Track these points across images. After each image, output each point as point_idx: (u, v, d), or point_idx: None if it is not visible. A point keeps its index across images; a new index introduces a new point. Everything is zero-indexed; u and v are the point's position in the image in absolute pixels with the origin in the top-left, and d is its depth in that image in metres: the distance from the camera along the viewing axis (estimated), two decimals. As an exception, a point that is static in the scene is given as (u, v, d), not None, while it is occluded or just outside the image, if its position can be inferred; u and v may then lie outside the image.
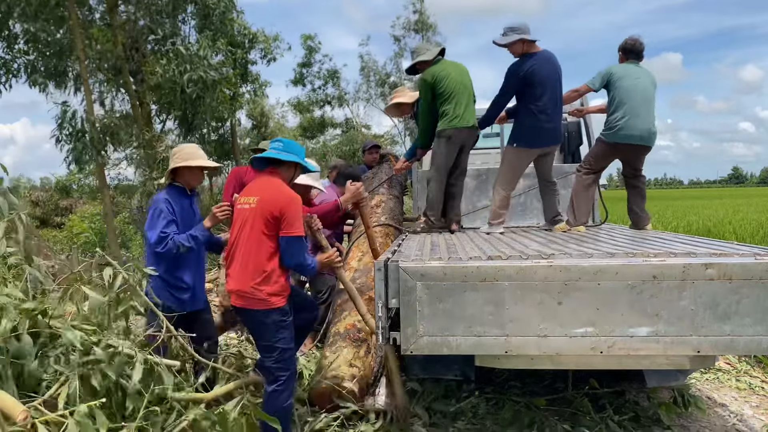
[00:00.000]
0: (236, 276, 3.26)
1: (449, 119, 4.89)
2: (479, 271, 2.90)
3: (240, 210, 3.37)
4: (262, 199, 3.26)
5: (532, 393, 4.26)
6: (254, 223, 3.23)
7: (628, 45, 4.88)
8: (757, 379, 4.84)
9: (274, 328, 3.23)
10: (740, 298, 2.78)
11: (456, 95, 4.88)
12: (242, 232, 3.28)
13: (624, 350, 2.86)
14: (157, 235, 3.41)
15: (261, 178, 3.47)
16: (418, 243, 4.20)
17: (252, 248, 3.22)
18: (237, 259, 3.28)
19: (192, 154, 3.69)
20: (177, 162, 3.62)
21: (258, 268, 3.20)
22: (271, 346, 3.24)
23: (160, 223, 3.44)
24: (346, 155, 20.81)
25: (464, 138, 4.98)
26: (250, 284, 3.19)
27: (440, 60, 5.09)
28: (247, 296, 3.20)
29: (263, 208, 3.22)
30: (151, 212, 3.53)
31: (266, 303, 3.19)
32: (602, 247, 3.50)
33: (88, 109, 10.15)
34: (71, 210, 20.90)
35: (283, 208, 3.21)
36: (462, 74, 5.01)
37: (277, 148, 3.44)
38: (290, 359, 3.33)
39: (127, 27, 10.64)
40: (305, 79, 23.49)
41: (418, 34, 22.03)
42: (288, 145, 3.48)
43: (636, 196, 4.98)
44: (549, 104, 4.68)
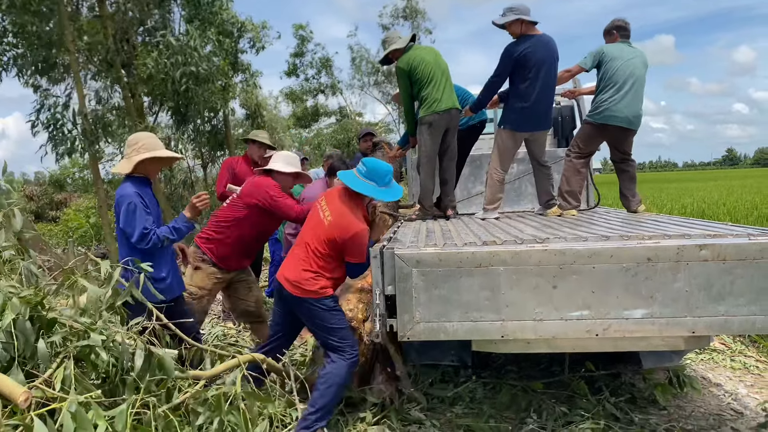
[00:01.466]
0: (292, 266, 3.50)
1: (428, 105, 4.83)
2: (474, 257, 2.91)
3: (315, 213, 3.58)
4: (333, 223, 3.42)
5: (529, 377, 4.29)
6: (320, 234, 3.43)
7: (619, 23, 4.85)
8: (752, 359, 4.88)
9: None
10: (734, 279, 2.80)
11: (433, 79, 4.82)
12: (310, 232, 3.51)
13: (619, 332, 2.89)
14: (139, 232, 3.34)
15: (343, 197, 3.55)
16: (414, 230, 4.20)
17: (313, 250, 3.45)
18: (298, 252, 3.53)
19: (156, 145, 3.58)
20: (144, 153, 3.49)
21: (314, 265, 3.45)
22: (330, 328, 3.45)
23: (139, 219, 3.35)
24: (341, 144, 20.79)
25: (446, 121, 4.91)
26: (305, 276, 3.41)
27: (412, 46, 5.03)
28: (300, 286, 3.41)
29: (331, 232, 3.40)
30: (125, 208, 3.37)
31: (318, 293, 3.41)
32: (597, 230, 3.51)
33: (80, 102, 10.06)
34: (66, 204, 20.82)
35: (349, 240, 3.37)
36: (436, 57, 4.94)
37: (359, 171, 3.56)
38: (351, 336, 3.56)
39: (116, 18, 10.54)
40: (298, 69, 23.38)
41: (408, 20, 21.91)
42: (371, 171, 3.52)
43: (626, 179, 4.98)
44: (541, 88, 4.65)
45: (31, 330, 2.34)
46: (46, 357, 2.31)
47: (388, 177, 3.55)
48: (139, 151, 3.49)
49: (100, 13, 10.40)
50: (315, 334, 3.62)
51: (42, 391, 2.21)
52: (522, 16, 4.63)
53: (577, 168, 4.92)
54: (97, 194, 11.01)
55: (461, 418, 3.72)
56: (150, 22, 10.61)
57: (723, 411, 3.83)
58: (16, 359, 2.25)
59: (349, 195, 3.54)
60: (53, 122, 9.60)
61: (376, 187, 3.51)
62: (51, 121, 9.60)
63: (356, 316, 4.06)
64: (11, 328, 2.24)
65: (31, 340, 2.32)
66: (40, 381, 2.26)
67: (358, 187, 3.49)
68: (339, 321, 3.47)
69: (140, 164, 3.48)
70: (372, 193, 3.50)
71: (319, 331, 3.49)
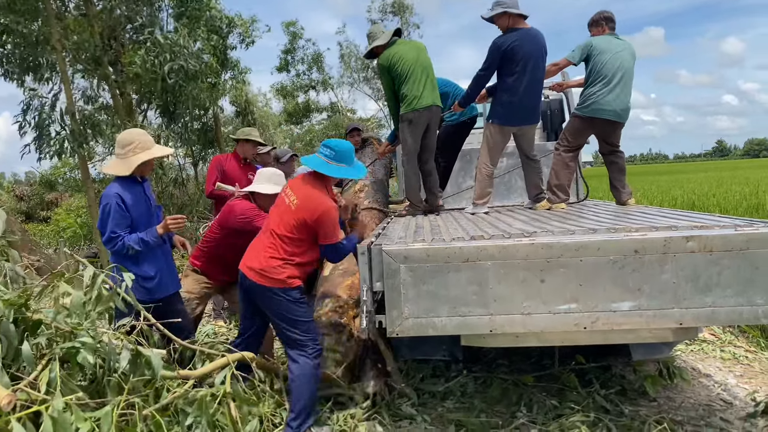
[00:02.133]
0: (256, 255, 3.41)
1: (408, 102, 4.78)
2: (462, 252, 2.91)
3: (281, 201, 3.50)
4: (300, 206, 3.35)
5: (520, 370, 4.30)
6: (288, 220, 3.35)
7: (608, 14, 4.83)
8: (741, 349, 4.91)
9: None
10: (721, 270, 2.81)
11: (412, 76, 4.77)
12: (276, 219, 3.44)
13: (608, 325, 2.89)
14: (107, 235, 3.33)
15: (308, 181, 3.49)
16: (403, 226, 4.20)
17: (280, 236, 3.37)
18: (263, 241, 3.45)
19: (150, 142, 3.52)
20: (141, 153, 3.44)
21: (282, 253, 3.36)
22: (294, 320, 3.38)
23: (110, 222, 3.33)
24: (332, 140, 20.70)
25: (427, 118, 4.86)
26: (273, 264, 3.33)
27: (396, 41, 4.98)
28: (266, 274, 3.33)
29: (299, 214, 3.33)
30: (101, 208, 3.39)
31: (285, 283, 3.33)
32: (585, 223, 3.51)
33: (68, 101, 9.98)
34: (57, 204, 20.69)
35: (319, 219, 3.32)
36: (419, 53, 4.87)
37: (324, 154, 3.46)
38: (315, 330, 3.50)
39: (103, 16, 10.46)
40: (290, 65, 23.29)
41: (396, 16, 21.86)
42: (337, 152, 3.44)
43: (615, 171, 4.98)
44: (528, 82, 4.64)
45: (14, 332, 2.32)
46: (30, 359, 2.29)
47: (353, 154, 3.52)
48: (135, 151, 3.44)
49: (87, 12, 10.32)
50: (277, 327, 3.49)
51: (27, 394, 2.19)
52: (509, 9, 4.61)
53: (566, 162, 4.91)
54: (87, 194, 10.94)
55: (452, 412, 3.73)
56: (138, 19, 10.52)
57: (713, 401, 3.85)
58: (0, 362, 2.23)
59: (314, 178, 3.48)
60: (40, 123, 9.52)
61: (348, 168, 3.46)
62: (38, 122, 9.52)
63: (346, 312, 4.05)
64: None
65: (14, 342, 2.30)
66: (24, 383, 2.24)
67: (332, 171, 3.41)
68: (304, 313, 3.40)
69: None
70: (347, 174, 3.46)
71: (282, 323, 3.39)
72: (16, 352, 2.26)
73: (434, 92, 4.89)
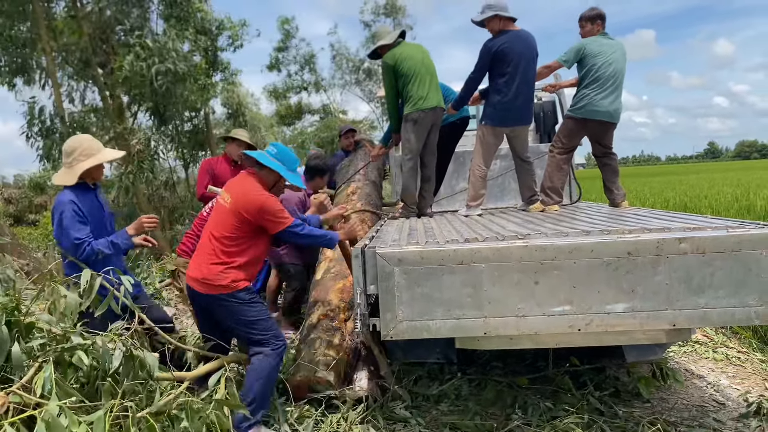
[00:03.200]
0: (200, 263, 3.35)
1: (413, 102, 4.83)
2: (456, 254, 2.90)
3: (217, 204, 3.48)
4: (234, 201, 3.33)
5: (514, 372, 4.29)
6: (225, 219, 3.31)
7: (602, 13, 4.84)
8: (734, 350, 4.93)
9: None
10: (713, 271, 2.82)
11: (418, 76, 4.82)
12: (212, 223, 3.40)
13: (602, 327, 2.89)
14: (71, 243, 3.22)
15: (244, 180, 3.47)
16: (396, 228, 4.19)
17: (218, 239, 3.31)
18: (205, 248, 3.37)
19: (95, 148, 3.44)
20: (85, 161, 3.36)
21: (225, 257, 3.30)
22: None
23: (72, 228, 3.22)
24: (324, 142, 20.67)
25: (431, 119, 4.93)
26: (214, 271, 3.26)
27: (401, 42, 5.04)
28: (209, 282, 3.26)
29: (235, 209, 3.29)
30: (58, 217, 3.26)
31: (229, 287, 3.26)
32: (578, 225, 3.52)
33: (57, 104, 9.92)
34: (46, 207, 20.51)
35: (259, 210, 3.27)
36: (423, 55, 4.96)
37: (269, 152, 3.47)
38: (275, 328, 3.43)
39: (92, 18, 10.39)
40: (281, 64, 23.18)
41: (389, 18, 21.83)
42: (281, 153, 3.48)
43: (609, 173, 5.01)
44: (519, 83, 4.66)
45: (7, 335, 2.29)
46: (19, 361, 2.26)
47: (295, 165, 3.53)
48: (79, 159, 3.37)
49: (75, 14, 10.25)
50: (235, 332, 3.44)
51: (20, 397, 2.16)
52: (499, 12, 4.64)
53: (560, 164, 4.93)
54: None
55: (447, 415, 3.71)
56: (127, 22, 10.46)
57: (706, 402, 3.86)
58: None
59: (251, 177, 3.46)
60: (45, 130, 9.59)
61: (283, 167, 3.44)
62: (44, 129, 9.58)
63: (337, 315, 4.04)
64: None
65: (6, 345, 2.27)
66: (17, 386, 2.21)
67: (266, 161, 3.41)
68: (258, 312, 3.33)
69: (84, 172, 3.36)
70: (279, 169, 3.41)
71: (239, 326, 3.33)
72: (8, 355, 2.23)
73: (438, 94, 4.94)
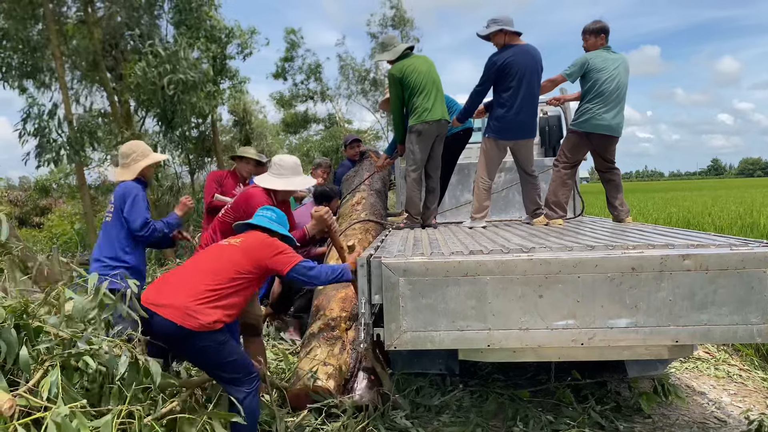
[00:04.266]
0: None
1: (419, 114, 4.89)
2: (461, 266, 2.92)
3: (216, 247, 3.31)
4: (245, 242, 3.21)
5: (516, 385, 4.30)
6: (232, 256, 3.11)
7: (606, 26, 4.86)
8: (735, 368, 4.93)
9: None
10: (717, 288, 2.84)
11: (424, 89, 4.88)
12: (209, 263, 3.13)
13: (604, 341, 2.91)
14: (142, 220, 3.74)
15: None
16: (401, 239, 4.21)
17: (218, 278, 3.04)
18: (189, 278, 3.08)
19: (149, 150, 4.05)
20: (143, 160, 3.96)
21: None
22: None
23: (144, 209, 3.79)
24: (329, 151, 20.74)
25: (435, 131, 4.98)
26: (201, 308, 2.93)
27: (408, 54, 5.09)
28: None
29: (245, 249, 3.15)
30: (131, 199, 3.77)
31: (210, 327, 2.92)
32: (582, 239, 3.54)
33: (66, 108, 9.99)
34: (50, 210, 20.59)
35: (272, 247, 3.19)
36: (430, 68, 5.01)
37: (268, 218, 3.44)
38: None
39: (103, 23, 10.50)
40: (287, 73, 23.29)
41: (396, 30, 21.92)
42: (280, 218, 3.48)
43: (612, 188, 5.03)
44: (523, 97, 4.70)
45: (15, 338, 2.31)
46: (27, 364, 2.28)
47: (287, 224, 3.55)
48: (137, 159, 3.96)
49: (86, 19, 10.35)
50: (205, 370, 3.14)
51: (27, 400, 2.19)
52: (504, 27, 4.70)
53: (564, 179, 4.96)
54: (83, 200, 10.92)
55: (448, 426, 3.72)
56: (137, 29, 10.55)
57: (707, 419, 3.86)
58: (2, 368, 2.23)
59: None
60: (40, 131, 9.55)
61: (283, 228, 3.44)
62: (38, 130, 9.55)
63: (339, 324, 4.06)
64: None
65: (15, 348, 2.30)
66: (24, 389, 2.23)
67: (275, 227, 3.38)
68: (229, 353, 2.99)
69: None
70: (280, 230, 3.39)
71: (209, 368, 3.05)
72: (16, 358, 2.25)
73: (443, 106, 5.00)
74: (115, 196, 3.88)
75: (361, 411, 3.68)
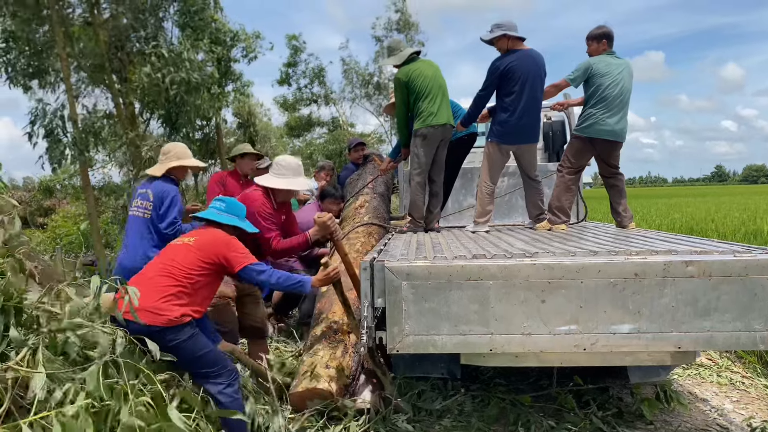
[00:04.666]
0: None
1: (423, 118, 4.92)
2: (464, 270, 2.93)
3: (174, 245, 3.27)
4: (199, 240, 3.20)
5: (518, 390, 4.29)
6: (187, 256, 3.13)
7: (610, 32, 4.85)
8: (738, 375, 4.91)
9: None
10: (720, 295, 2.84)
11: (430, 93, 4.91)
12: (169, 262, 3.13)
13: (607, 347, 2.91)
14: (170, 221, 4.09)
15: (205, 231, 3.35)
16: (404, 242, 4.22)
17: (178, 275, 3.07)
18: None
19: (185, 154, 4.32)
20: (174, 161, 4.25)
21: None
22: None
23: (176, 210, 4.13)
24: (333, 154, 20.79)
25: (440, 135, 5.01)
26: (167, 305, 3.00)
27: (414, 58, 5.11)
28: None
29: (199, 248, 3.16)
30: (168, 200, 4.13)
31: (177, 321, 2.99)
32: (585, 245, 3.54)
33: (71, 109, 10.03)
34: (54, 210, 20.64)
35: (223, 248, 3.17)
36: (435, 72, 5.04)
37: (218, 209, 3.43)
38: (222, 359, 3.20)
39: (109, 26, 10.53)
40: (291, 78, 23.37)
41: (401, 33, 21.96)
42: (230, 206, 3.47)
43: (615, 194, 5.03)
44: (525, 102, 4.72)
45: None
46: (18, 339, 2.33)
47: (243, 212, 3.56)
48: (170, 159, 4.28)
49: (92, 21, 10.39)
50: (182, 368, 3.10)
51: (16, 371, 2.22)
52: (508, 32, 4.72)
53: (568, 184, 4.96)
54: (87, 201, 10.94)
55: (449, 430, 3.72)
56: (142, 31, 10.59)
57: (709, 426, 3.85)
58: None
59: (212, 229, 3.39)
60: (49, 132, 9.61)
61: (238, 219, 3.46)
62: (48, 132, 9.62)
63: (341, 327, 4.06)
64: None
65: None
66: (13, 363, 2.27)
67: (223, 219, 3.38)
68: (202, 346, 3.06)
69: (171, 169, 4.27)
70: (237, 223, 3.43)
71: (184, 365, 3.04)
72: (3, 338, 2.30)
73: (448, 111, 5.02)
74: (153, 194, 4.18)
75: (363, 414, 3.69)
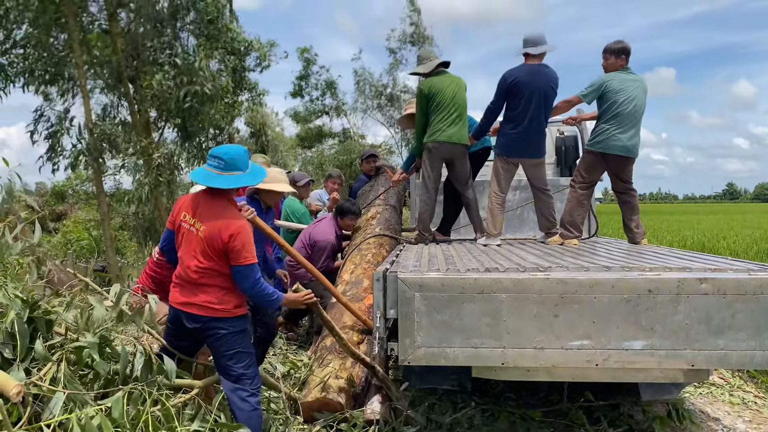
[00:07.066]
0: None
1: (431, 132, 5.02)
2: (477, 283, 2.93)
3: (187, 232, 3.07)
4: (208, 231, 2.97)
5: (528, 405, 4.27)
6: (203, 248, 2.99)
7: (628, 47, 4.83)
8: (750, 394, 4.86)
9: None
10: (734, 313, 2.82)
11: (445, 110, 4.96)
12: (191, 254, 3.04)
13: (619, 363, 2.90)
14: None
15: (206, 201, 3.07)
16: (416, 254, 4.22)
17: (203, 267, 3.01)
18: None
19: (275, 179, 4.01)
20: (260, 184, 3.68)
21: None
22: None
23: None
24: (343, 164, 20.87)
25: (445, 152, 5.06)
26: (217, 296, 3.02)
27: (441, 72, 5.15)
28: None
29: (210, 241, 2.96)
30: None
31: (232, 312, 3.04)
32: (598, 260, 3.54)
33: (86, 116, 10.15)
34: (66, 216, 20.79)
35: (232, 240, 2.94)
36: (458, 89, 5.07)
37: (218, 167, 3.03)
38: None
39: (128, 33, 10.68)
40: (303, 90, 23.54)
41: (415, 46, 22.08)
42: (233, 160, 3.03)
43: (628, 210, 5.01)
44: (532, 116, 4.74)
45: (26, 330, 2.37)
46: (43, 354, 2.33)
47: (247, 156, 3.15)
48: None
49: (110, 29, 10.54)
50: (217, 362, 3.12)
51: (39, 388, 2.23)
52: (526, 49, 4.78)
53: (581, 200, 4.95)
54: (100, 207, 11.03)
55: (459, 444, 3.71)
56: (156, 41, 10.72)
57: (721, 446, 3.81)
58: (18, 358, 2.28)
59: (212, 197, 3.07)
60: (51, 134, 9.76)
61: (243, 174, 3.07)
62: (51, 134, 9.76)
63: (351, 338, 4.06)
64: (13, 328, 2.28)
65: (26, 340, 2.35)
66: (36, 378, 2.29)
67: (227, 182, 3.01)
68: (247, 345, 3.11)
69: (260, 191, 4.00)
70: (244, 182, 3.08)
71: (223, 359, 3.05)
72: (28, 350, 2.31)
73: (460, 130, 5.05)
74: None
75: (372, 425, 3.68)
